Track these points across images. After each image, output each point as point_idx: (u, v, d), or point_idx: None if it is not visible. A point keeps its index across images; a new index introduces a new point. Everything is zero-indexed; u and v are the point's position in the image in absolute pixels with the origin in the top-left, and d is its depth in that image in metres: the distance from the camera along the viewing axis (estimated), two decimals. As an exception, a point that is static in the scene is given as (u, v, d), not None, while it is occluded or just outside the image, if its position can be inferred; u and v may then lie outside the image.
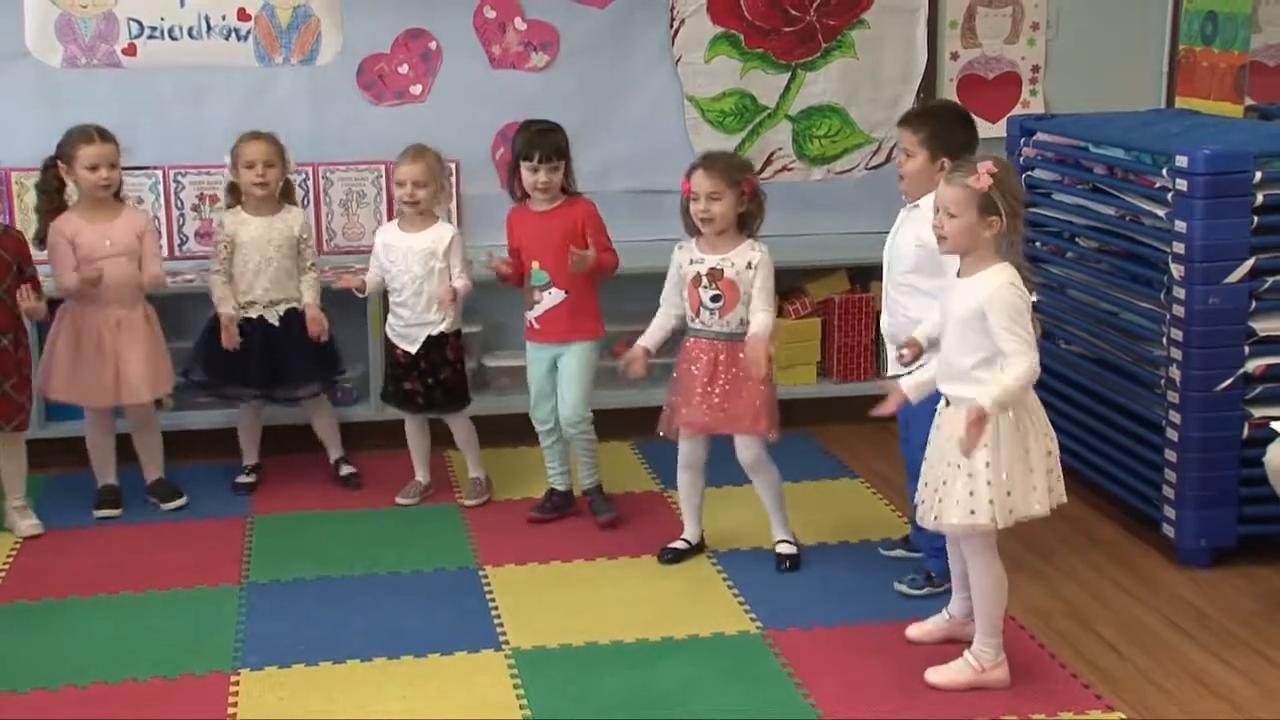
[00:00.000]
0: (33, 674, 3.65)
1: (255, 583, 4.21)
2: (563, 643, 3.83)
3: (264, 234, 4.76)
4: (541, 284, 4.53)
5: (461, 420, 4.83)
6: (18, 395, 4.41)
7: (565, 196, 4.55)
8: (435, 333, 4.68)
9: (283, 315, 4.79)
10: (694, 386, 4.22)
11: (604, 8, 5.44)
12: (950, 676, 3.60)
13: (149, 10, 5.14)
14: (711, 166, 4.17)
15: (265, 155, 4.72)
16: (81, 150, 4.51)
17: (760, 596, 4.11)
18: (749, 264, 4.16)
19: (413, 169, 4.59)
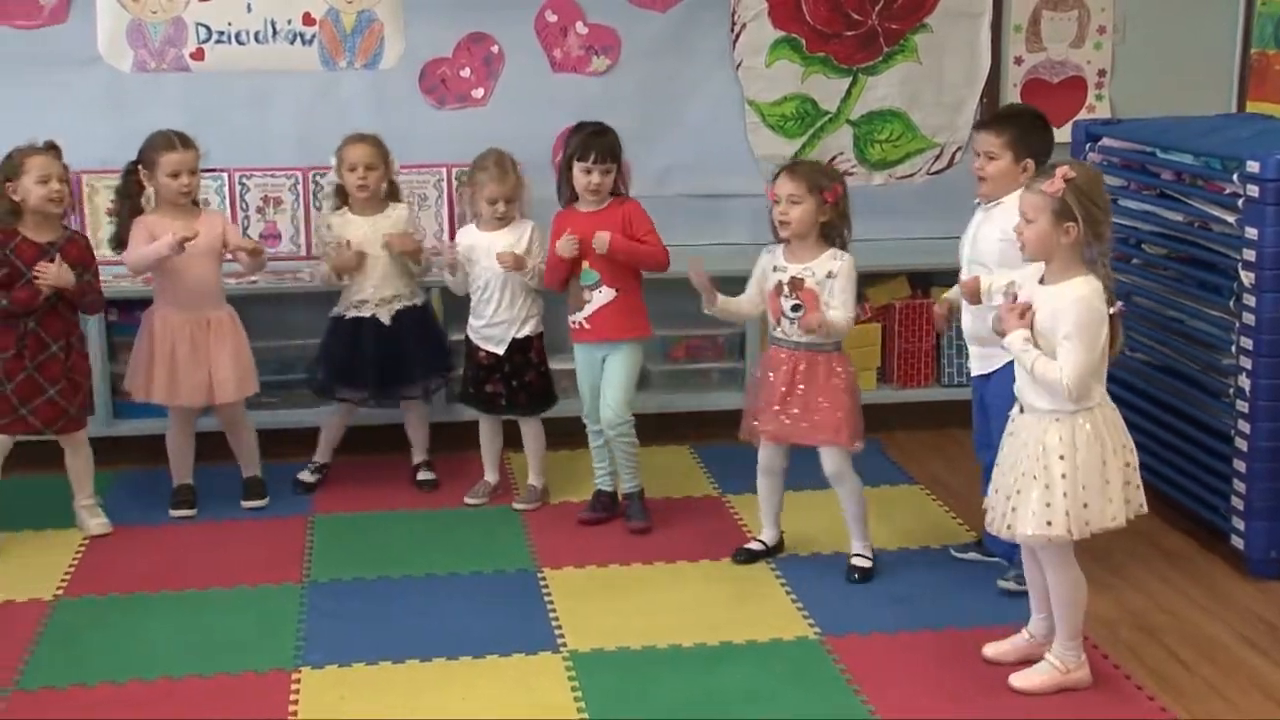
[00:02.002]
0: (101, 668, 3.70)
1: (316, 582, 4.24)
2: (620, 646, 3.83)
3: (370, 234, 4.80)
4: (591, 283, 4.52)
5: (534, 425, 4.85)
6: (62, 400, 4.42)
7: (613, 199, 4.55)
8: (520, 335, 4.70)
9: (394, 314, 4.83)
10: (772, 395, 4.19)
11: (665, 11, 5.45)
12: (1035, 680, 3.58)
13: (217, 15, 5.20)
14: (795, 170, 4.15)
15: (367, 158, 4.77)
16: (164, 157, 4.57)
17: (819, 602, 4.09)
18: (829, 273, 4.13)
19: (504, 187, 4.64)
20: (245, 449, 4.87)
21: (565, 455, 5.09)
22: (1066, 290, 3.40)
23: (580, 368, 4.65)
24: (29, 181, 4.30)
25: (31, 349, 4.36)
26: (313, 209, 5.30)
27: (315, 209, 5.29)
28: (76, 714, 3.49)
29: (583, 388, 4.66)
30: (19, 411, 4.38)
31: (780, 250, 4.22)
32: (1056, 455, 3.42)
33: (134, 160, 4.65)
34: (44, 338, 4.38)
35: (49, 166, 4.34)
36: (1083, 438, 3.42)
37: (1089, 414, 3.44)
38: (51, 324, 4.39)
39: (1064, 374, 3.36)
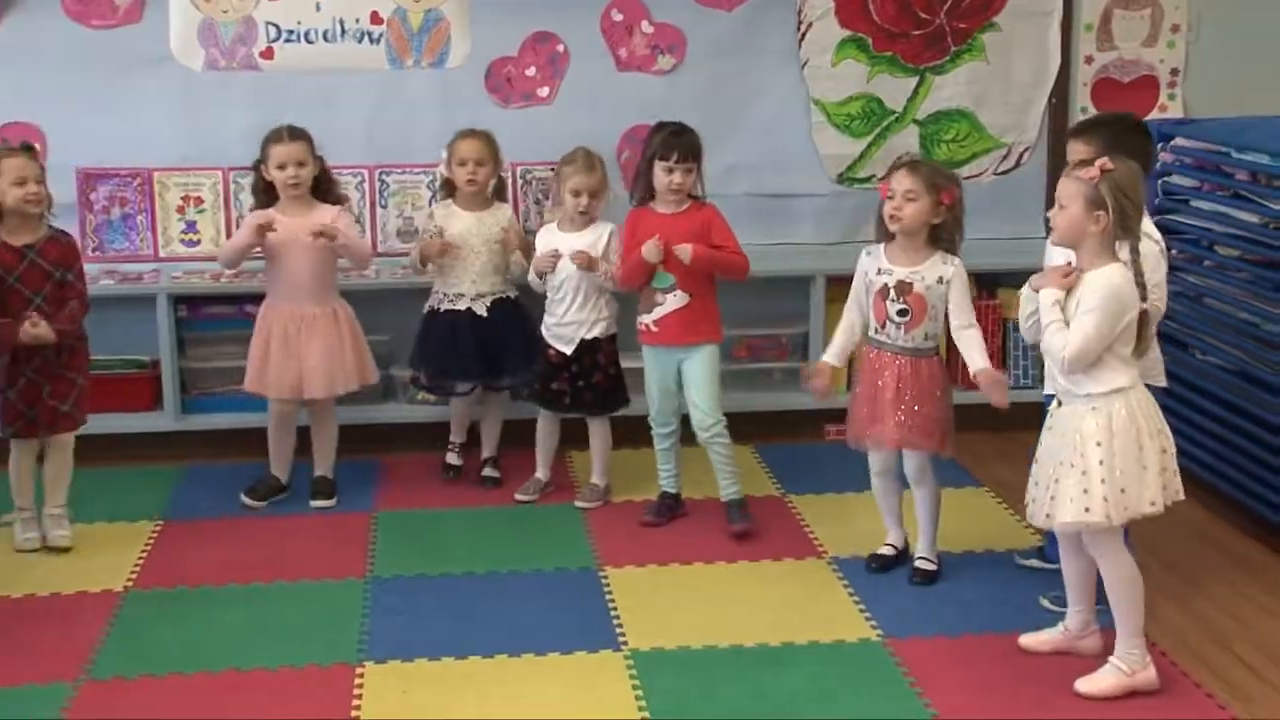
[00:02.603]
0: (170, 659, 3.74)
1: (379, 577, 4.27)
2: (682, 645, 3.83)
3: (472, 228, 4.83)
4: (665, 286, 4.51)
5: (602, 424, 4.85)
6: (53, 399, 4.38)
7: (691, 201, 4.53)
8: (589, 336, 4.71)
9: (490, 306, 4.85)
10: (884, 401, 4.13)
11: (732, 10, 5.44)
12: (1101, 684, 3.55)
13: (286, 14, 5.25)
14: (915, 167, 4.08)
15: (477, 153, 4.80)
16: (271, 149, 4.64)
17: (881, 604, 4.07)
18: (940, 279, 4.07)
19: (590, 180, 4.65)
20: (323, 447, 4.90)
21: (628, 454, 5.08)
22: (1100, 274, 3.43)
23: (650, 370, 4.63)
24: (4, 184, 4.23)
25: (24, 352, 4.31)
26: (378, 206, 5.34)
27: (380, 206, 5.34)
28: (146, 704, 3.54)
29: (651, 390, 4.64)
30: (26, 415, 4.37)
31: (882, 251, 4.15)
32: (1093, 442, 3.42)
33: (258, 158, 4.72)
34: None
35: (25, 168, 4.27)
36: (1119, 423, 3.42)
37: (1124, 399, 3.44)
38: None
39: (1069, 343, 3.39)
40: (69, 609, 4.06)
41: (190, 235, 5.32)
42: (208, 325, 5.21)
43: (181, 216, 5.31)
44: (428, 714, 3.50)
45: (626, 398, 4.84)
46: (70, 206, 5.15)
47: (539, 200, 5.43)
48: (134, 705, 3.53)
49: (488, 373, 4.90)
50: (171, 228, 5.30)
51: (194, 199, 5.30)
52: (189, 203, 5.31)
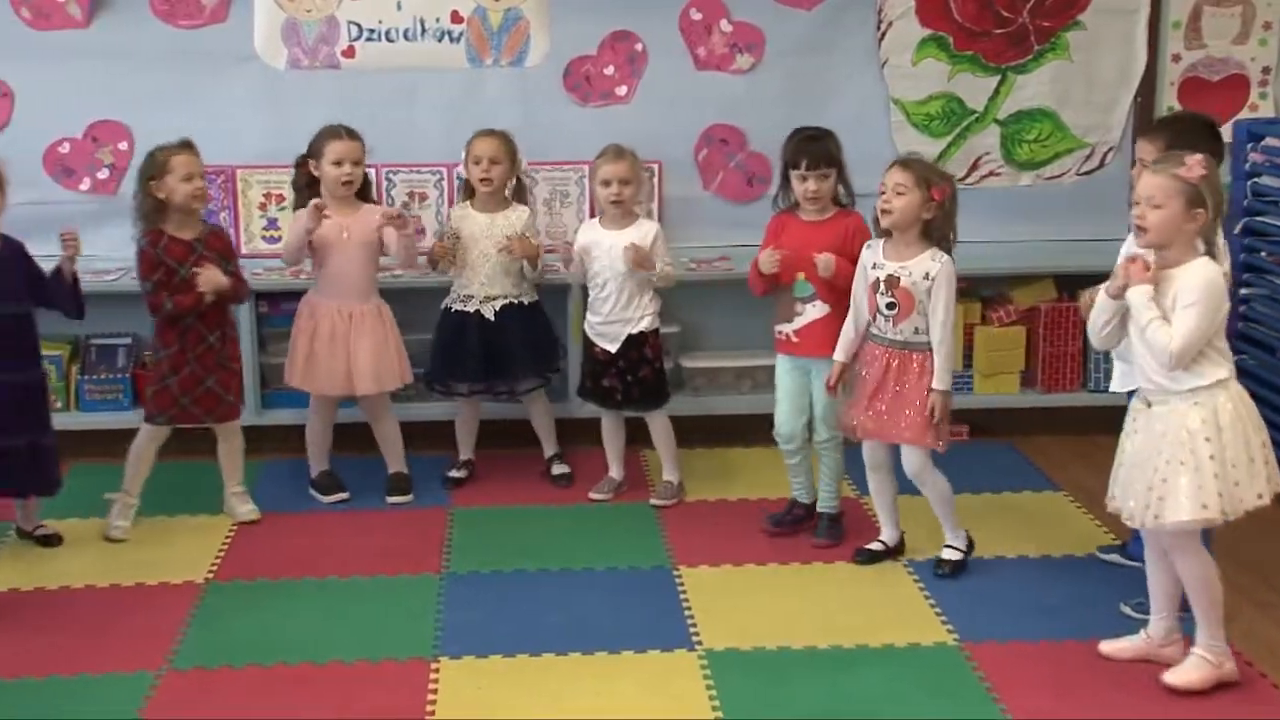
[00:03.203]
0: (248, 650, 3.79)
1: (455, 573, 4.30)
2: (756, 645, 3.82)
3: (484, 230, 4.84)
4: (805, 296, 4.40)
5: (659, 420, 4.85)
6: (219, 388, 4.54)
7: (837, 208, 4.42)
8: (635, 331, 4.71)
9: (498, 310, 4.86)
10: (864, 390, 4.18)
11: (811, 10, 5.41)
12: (1190, 676, 3.52)
13: (368, 13, 5.30)
14: (907, 163, 4.11)
15: (491, 151, 4.80)
16: (329, 146, 4.68)
17: (957, 608, 4.03)
18: (926, 274, 4.07)
19: (617, 168, 4.63)
20: (389, 443, 4.94)
21: (704, 453, 5.08)
22: (1194, 269, 3.39)
23: (781, 379, 4.51)
24: (174, 180, 4.40)
25: (191, 343, 4.48)
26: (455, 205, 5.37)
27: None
28: (225, 694, 3.59)
29: (781, 399, 4.51)
30: (180, 402, 4.51)
31: (880, 246, 4.16)
32: (1202, 438, 3.39)
33: (304, 154, 4.76)
34: (201, 330, 4.50)
35: (191, 164, 4.44)
36: (1226, 417, 3.39)
37: (1225, 392, 3.41)
38: (207, 316, 4.50)
39: (1174, 337, 3.35)
40: (152, 599, 4.12)
41: (272, 232, 5.39)
42: (287, 321, 5.26)
43: (263, 214, 5.38)
44: (501, 710, 3.52)
45: (668, 392, 4.83)
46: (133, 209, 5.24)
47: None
48: (214, 695, 3.58)
49: (488, 376, 4.90)
50: (254, 225, 5.37)
51: (275, 196, 5.37)
52: (271, 200, 5.38)
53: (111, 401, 5.23)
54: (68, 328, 4.87)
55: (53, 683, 3.62)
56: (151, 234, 4.44)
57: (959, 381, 4.87)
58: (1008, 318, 5.43)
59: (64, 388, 5.18)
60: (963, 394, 5.19)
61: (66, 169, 5.32)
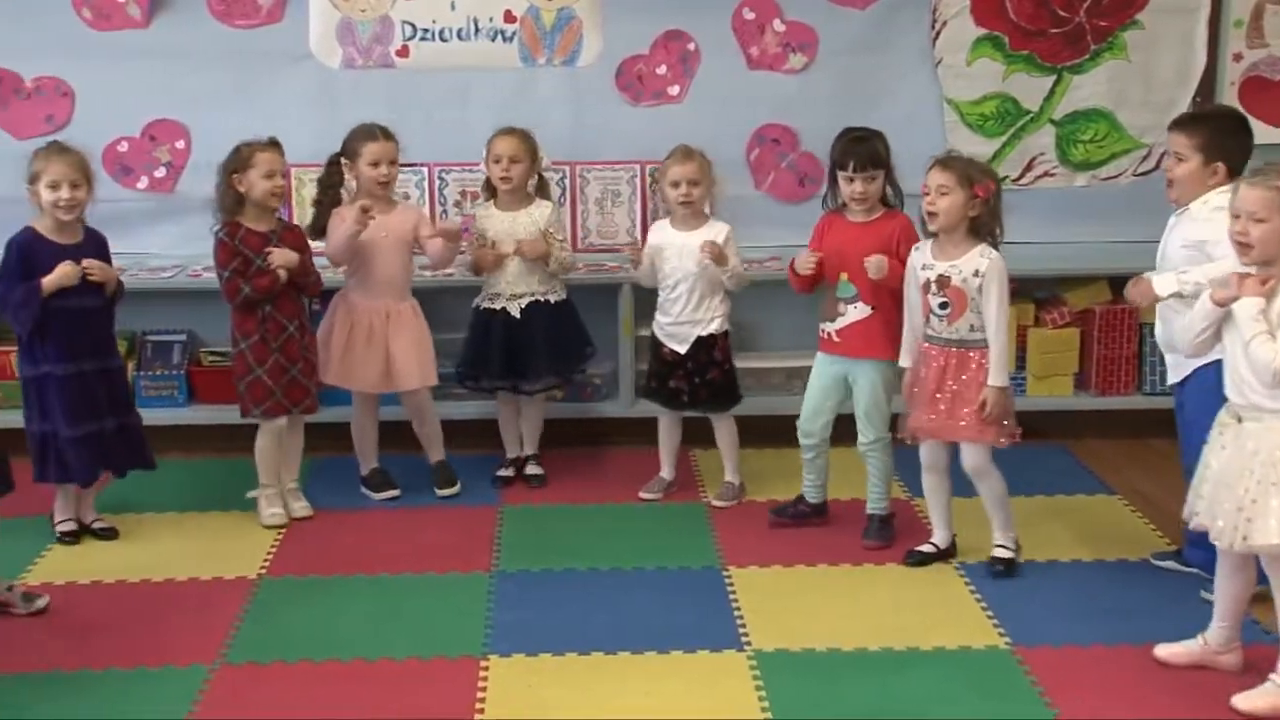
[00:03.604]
0: (301, 646, 3.82)
1: (505, 571, 4.31)
2: (806, 647, 3.81)
3: (508, 228, 4.85)
4: (848, 296, 4.40)
5: (726, 421, 4.84)
6: (303, 378, 4.63)
7: (884, 209, 4.41)
8: (704, 334, 4.70)
9: (524, 308, 4.87)
10: (924, 391, 4.17)
11: (864, 9, 5.39)
12: (1259, 702, 3.45)
13: (422, 13, 5.32)
14: (947, 163, 4.10)
15: (511, 150, 4.80)
16: (365, 147, 4.71)
17: (1009, 611, 4.00)
18: (976, 271, 4.05)
19: (685, 168, 4.62)
20: (432, 436, 4.97)
21: (754, 453, 5.07)
22: None
23: (816, 376, 4.52)
24: (255, 175, 4.48)
25: (272, 332, 4.55)
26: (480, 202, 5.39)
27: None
28: (278, 689, 3.61)
29: (811, 395, 4.52)
30: (275, 394, 4.57)
31: (928, 246, 4.16)
32: None
33: (336, 153, 4.79)
34: (280, 320, 4.56)
35: (274, 162, 4.51)
36: None
37: None
38: (284, 306, 4.56)
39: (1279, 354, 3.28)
40: (207, 594, 4.16)
41: (324, 230, 5.42)
42: (337, 319, 5.31)
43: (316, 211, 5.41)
44: (551, 709, 3.52)
45: (740, 395, 4.81)
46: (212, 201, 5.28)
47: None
48: (266, 690, 3.61)
49: (512, 374, 4.91)
50: (306, 222, 5.39)
51: (329, 195, 5.39)
52: (324, 199, 5.40)
53: (167, 397, 5.29)
54: (125, 324, 4.91)
55: (111, 675, 3.67)
56: (230, 225, 4.52)
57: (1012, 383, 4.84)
58: (1061, 319, 5.39)
59: (124, 384, 5.23)
60: (1016, 396, 5.11)
61: (125, 167, 5.38)
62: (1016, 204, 4.19)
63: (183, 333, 5.39)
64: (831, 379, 4.47)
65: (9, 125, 5.27)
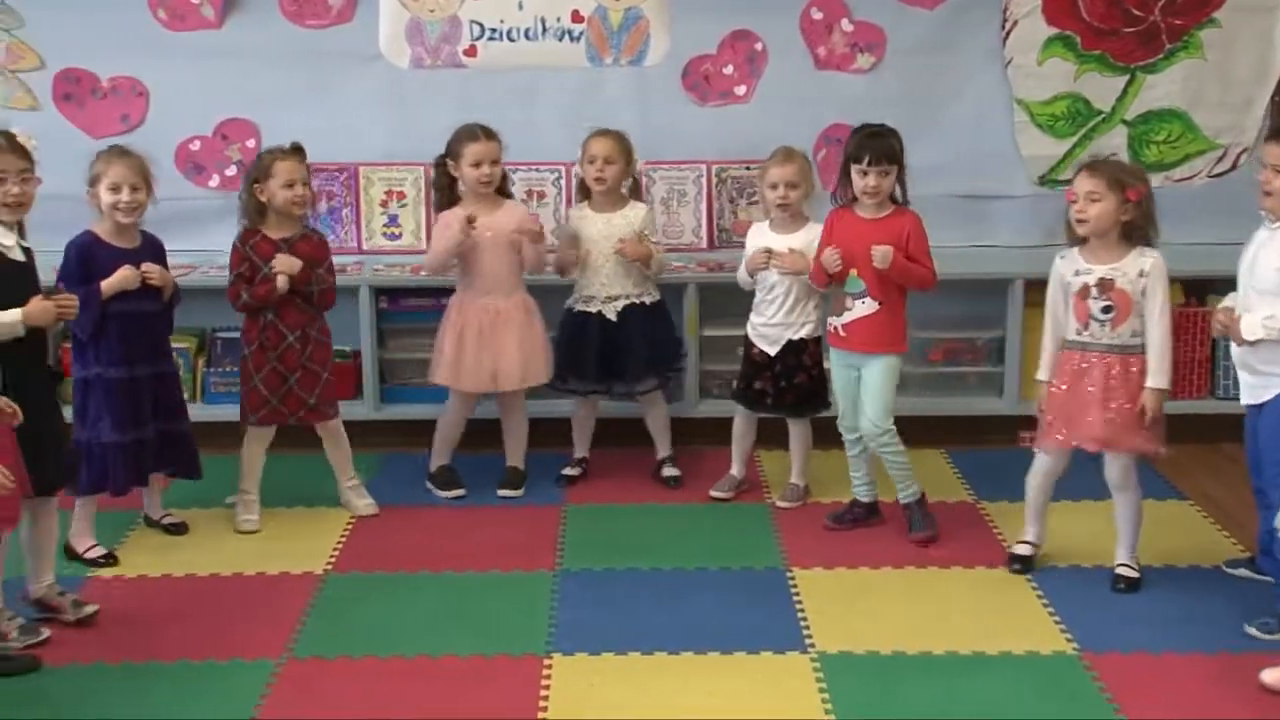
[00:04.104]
0: (366, 642, 3.84)
1: (568, 570, 4.32)
2: (870, 650, 3.78)
3: (602, 230, 4.85)
4: (856, 292, 4.44)
5: (802, 425, 4.83)
6: (299, 389, 4.57)
7: (894, 206, 4.44)
8: (796, 337, 4.68)
9: (620, 311, 4.87)
10: (1089, 401, 4.05)
11: (933, 9, 5.35)
12: None
13: (490, 13, 5.35)
14: (1095, 167, 4.03)
15: (605, 151, 4.81)
16: (467, 147, 4.72)
17: (1077, 617, 3.96)
18: (1140, 272, 3.99)
19: (785, 170, 4.60)
20: (516, 438, 4.98)
21: (819, 455, 5.03)
22: None
23: (835, 373, 4.58)
24: (275, 185, 4.46)
25: (271, 341, 4.53)
26: (574, 203, 5.39)
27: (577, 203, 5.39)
28: (343, 684, 3.64)
29: (837, 393, 4.59)
30: (270, 402, 4.56)
31: (1077, 253, 4.08)
32: None
33: (442, 154, 4.81)
34: (281, 329, 4.53)
35: (295, 171, 4.48)
36: None
37: None
38: (287, 316, 4.53)
39: None
40: (273, 589, 4.20)
41: (392, 229, 5.47)
42: (407, 317, 5.35)
43: (384, 210, 5.46)
44: (613, 708, 3.52)
45: (828, 400, 4.80)
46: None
47: (733, 199, 5.43)
48: (332, 685, 3.63)
49: (607, 377, 4.90)
50: (374, 221, 5.45)
51: (397, 194, 5.45)
52: (392, 197, 5.45)
53: (235, 394, 5.31)
54: (195, 321, 4.98)
55: (181, 667, 3.71)
56: (246, 232, 4.53)
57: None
58: (1133, 322, 5.31)
59: (190, 380, 5.30)
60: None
61: (197, 166, 5.45)
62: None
63: (252, 330, 5.45)
64: (846, 374, 4.52)
65: (86, 124, 5.35)
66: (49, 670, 3.68)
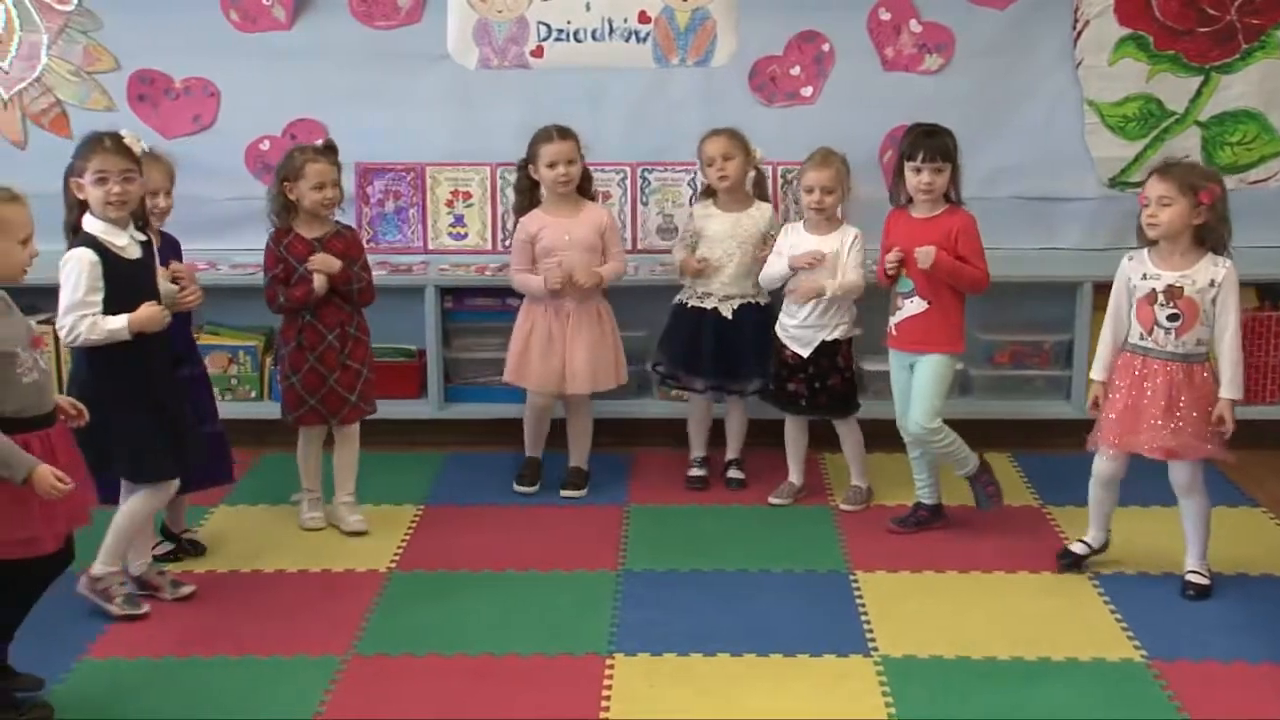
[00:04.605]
0: (429, 639, 3.86)
1: (631, 570, 4.32)
2: (934, 654, 3.76)
3: (728, 229, 4.85)
4: (906, 291, 4.43)
5: (848, 426, 4.80)
6: (340, 388, 4.55)
7: (947, 205, 4.42)
8: (829, 339, 4.66)
9: (736, 309, 4.86)
10: (1154, 410, 3.99)
11: (1004, 9, 5.30)
12: None
13: (558, 14, 5.36)
14: (1167, 171, 3.97)
15: (722, 150, 4.80)
16: (542, 149, 4.74)
17: (1146, 623, 3.90)
18: (1212, 281, 3.94)
19: (822, 174, 4.59)
20: (580, 440, 4.99)
21: (883, 457, 5.01)
22: None
23: (893, 373, 4.57)
24: (304, 186, 4.43)
25: (309, 341, 4.51)
26: (639, 204, 5.40)
27: (642, 204, 5.40)
28: (407, 682, 3.66)
29: (896, 393, 4.57)
30: (308, 402, 4.55)
31: (1146, 255, 4.03)
32: None
33: (524, 158, 4.83)
34: (320, 329, 4.51)
35: (325, 174, 4.44)
36: None
37: None
38: (326, 315, 4.51)
39: None
40: (338, 586, 4.24)
41: (458, 229, 5.50)
42: (472, 317, 5.37)
43: (450, 210, 5.49)
44: (675, 709, 3.52)
45: (858, 402, 4.78)
46: (349, 200, 5.38)
47: (797, 200, 5.40)
48: (396, 683, 3.65)
49: (723, 374, 4.90)
50: (440, 221, 5.48)
51: (463, 194, 5.47)
52: (458, 197, 5.48)
53: (303, 392, 5.39)
54: (263, 320, 5.03)
55: (247, 662, 3.75)
56: (278, 231, 4.51)
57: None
58: (1205, 326, 5.24)
59: (258, 379, 5.35)
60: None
61: (266, 165, 5.48)
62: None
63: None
64: (899, 373, 4.50)
65: (159, 125, 5.42)
66: (123, 663, 3.74)
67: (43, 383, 3.40)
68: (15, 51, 5.43)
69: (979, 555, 4.38)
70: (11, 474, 3.24)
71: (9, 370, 3.30)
